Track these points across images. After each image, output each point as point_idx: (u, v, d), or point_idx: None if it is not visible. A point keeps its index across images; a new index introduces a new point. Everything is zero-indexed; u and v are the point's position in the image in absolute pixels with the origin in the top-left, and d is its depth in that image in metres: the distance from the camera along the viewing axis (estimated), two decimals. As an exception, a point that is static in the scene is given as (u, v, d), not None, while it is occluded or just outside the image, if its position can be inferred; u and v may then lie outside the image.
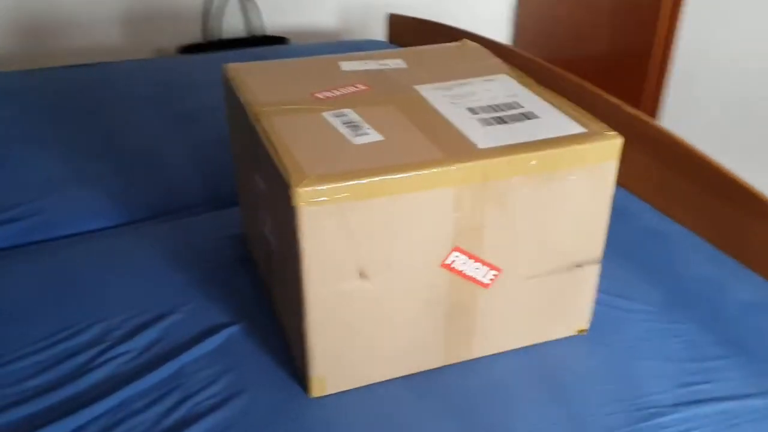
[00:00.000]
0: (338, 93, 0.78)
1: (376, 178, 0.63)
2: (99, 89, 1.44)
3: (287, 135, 0.69)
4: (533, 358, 0.79)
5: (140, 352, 0.78)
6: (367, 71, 0.85)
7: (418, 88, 0.80)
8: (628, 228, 1.03)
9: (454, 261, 0.70)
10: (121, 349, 0.78)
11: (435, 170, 0.64)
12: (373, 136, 0.69)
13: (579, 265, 0.77)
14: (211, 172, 1.15)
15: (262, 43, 2.14)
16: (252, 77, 0.82)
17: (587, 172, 0.71)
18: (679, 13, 1.91)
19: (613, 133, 0.71)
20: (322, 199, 0.61)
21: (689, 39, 1.93)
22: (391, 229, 0.66)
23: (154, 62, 1.65)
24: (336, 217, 0.63)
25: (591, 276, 0.79)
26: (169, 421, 0.69)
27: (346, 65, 0.87)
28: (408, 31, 1.84)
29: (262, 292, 0.87)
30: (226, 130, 0.93)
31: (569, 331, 0.82)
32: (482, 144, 0.68)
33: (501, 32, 2.64)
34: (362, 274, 0.67)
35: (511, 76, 0.84)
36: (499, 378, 0.76)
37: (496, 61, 0.90)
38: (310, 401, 0.73)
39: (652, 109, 2.05)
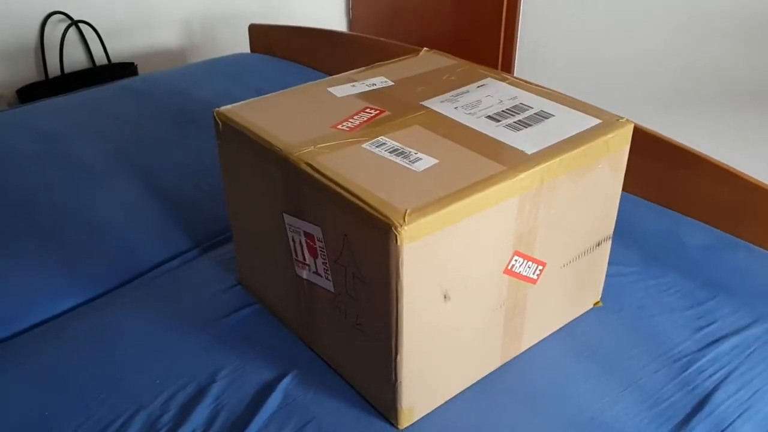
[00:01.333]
0: (357, 121, 0.77)
1: (460, 203, 0.64)
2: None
3: (347, 173, 0.67)
4: (567, 337, 0.85)
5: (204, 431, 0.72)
6: (363, 93, 0.85)
7: (425, 104, 0.81)
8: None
9: (514, 265, 0.73)
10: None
11: (504, 183, 0.67)
12: (427, 160, 0.70)
13: (599, 244, 0.84)
14: (162, 224, 1.06)
15: (109, 72, 1.98)
16: (258, 118, 0.78)
17: (610, 159, 0.77)
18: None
19: (624, 119, 0.78)
20: (419, 234, 0.61)
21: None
22: (467, 248, 0.67)
23: (13, 113, 1.45)
24: (429, 248, 0.63)
25: (606, 251, 0.86)
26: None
27: (337, 90, 0.86)
28: (270, 40, 1.81)
29: (292, 337, 0.83)
30: (154, 178, 0.86)
31: (589, 305, 0.89)
32: (530, 150, 0.72)
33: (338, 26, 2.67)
34: (446, 297, 0.68)
35: (496, 79, 0.89)
36: (548, 363, 0.81)
37: (469, 65, 0.93)
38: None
39: (508, 50, 2.19)
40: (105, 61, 2.01)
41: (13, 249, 0.99)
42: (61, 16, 1.90)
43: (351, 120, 0.78)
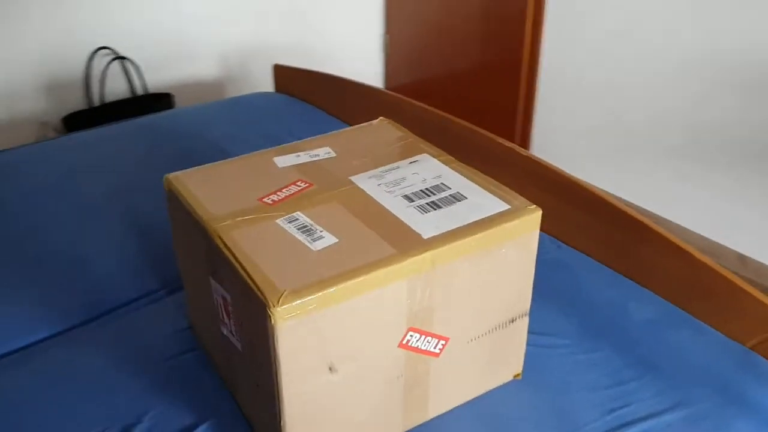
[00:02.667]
0: (283, 195, 0.84)
1: (341, 285, 0.70)
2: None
3: (250, 249, 0.74)
4: (478, 408, 0.89)
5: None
6: (302, 165, 0.91)
7: (353, 179, 0.88)
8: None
9: (409, 340, 0.78)
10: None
11: (391, 267, 0.72)
12: (328, 239, 0.76)
13: (513, 320, 0.87)
14: (139, 263, 1.16)
15: (147, 102, 2.13)
16: (196, 187, 0.86)
17: (516, 243, 0.81)
18: (541, 31, 2.11)
19: (533, 206, 0.82)
20: (296, 313, 0.67)
21: (551, 51, 2.14)
22: (354, 326, 0.73)
23: (47, 145, 1.60)
24: (308, 325, 0.69)
25: (523, 327, 0.90)
26: None
27: (281, 161, 0.93)
28: (293, 81, 1.90)
29: (222, 385, 0.90)
30: (143, 218, 0.94)
31: (507, 377, 0.92)
32: (426, 234, 0.77)
33: (374, 60, 2.75)
34: (331, 369, 0.74)
35: (431, 155, 0.94)
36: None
37: (413, 139, 0.99)
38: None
39: (526, 116, 2.23)
40: (145, 91, 2.16)
41: (2, 280, 1.11)
42: (107, 51, 2.06)
43: (279, 193, 0.85)
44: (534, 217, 0.81)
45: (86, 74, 2.04)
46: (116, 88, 2.13)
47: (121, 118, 1.75)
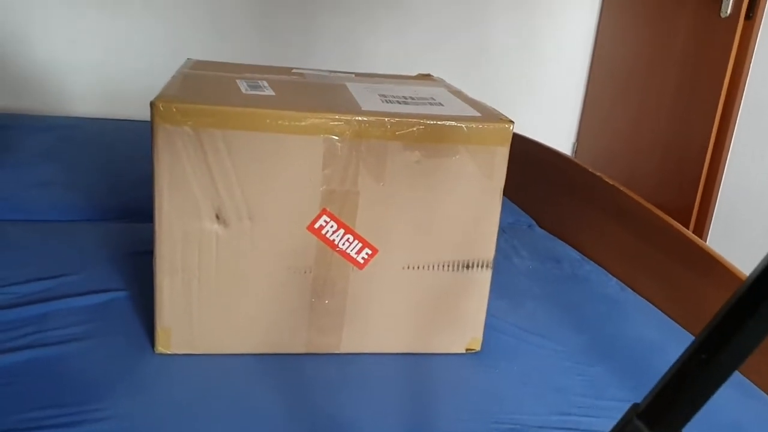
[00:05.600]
0: (269, 76, 0.81)
1: (237, 108, 0.63)
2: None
3: (189, 80, 0.72)
4: (411, 367, 0.71)
5: (24, 295, 0.77)
6: (313, 73, 0.88)
7: (349, 83, 0.81)
8: (582, 292, 0.95)
9: (322, 226, 0.67)
10: (13, 290, 0.78)
11: (304, 114, 0.64)
12: (266, 92, 0.71)
13: (468, 266, 0.71)
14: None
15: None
16: (205, 64, 0.87)
17: (473, 154, 0.67)
18: (724, 152, 1.86)
19: (505, 118, 0.68)
20: (182, 120, 0.62)
21: (736, 167, 1.86)
22: (253, 172, 0.64)
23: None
24: (193, 142, 0.63)
25: (481, 283, 0.72)
26: (17, 343, 0.68)
27: (298, 70, 0.90)
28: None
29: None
30: None
31: (456, 347, 0.74)
32: (366, 107, 0.68)
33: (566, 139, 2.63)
34: (219, 218, 0.65)
35: (449, 90, 0.84)
36: (363, 377, 0.69)
37: (453, 87, 0.90)
38: (153, 356, 0.69)
39: (702, 224, 1.95)
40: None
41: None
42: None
43: (268, 74, 0.81)
44: (501, 128, 0.67)
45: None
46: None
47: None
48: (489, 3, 2.37)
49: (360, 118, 0.65)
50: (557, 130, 2.59)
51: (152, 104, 0.61)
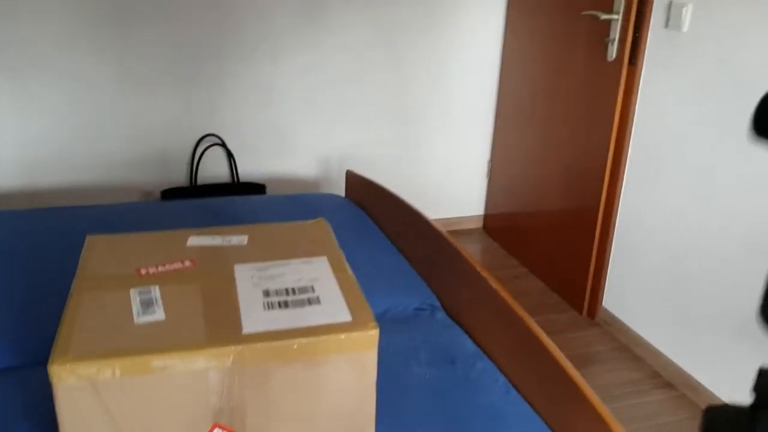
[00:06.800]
0: (162, 269, 0.88)
1: (128, 359, 0.71)
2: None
3: (84, 311, 0.78)
4: None
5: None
6: (207, 247, 0.95)
7: (236, 266, 0.89)
8: (472, 402, 1.06)
9: (219, 436, 0.76)
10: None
11: (191, 354, 0.72)
12: (158, 315, 0.78)
13: (354, 446, 0.81)
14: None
15: (241, 189, 2.32)
16: (102, 249, 0.93)
17: (347, 359, 0.77)
18: (619, 182, 2.00)
19: (373, 324, 0.78)
20: (79, 377, 0.69)
21: (629, 202, 2.01)
22: (149, 408, 0.73)
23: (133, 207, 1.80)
24: (92, 395, 0.70)
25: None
26: None
27: (194, 240, 0.98)
28: (360, 189, 1.97)
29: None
30: None
31: None
32: (248, 329, 0.76)
33: (478, 185, 2.76)
34: (127, 445, 0.74)
35: (329, 259, 0.93)
36: None
37: (331, 244, 0.99)
38: None
39: (601, 263, 2.10)
40: (238, 180, 2.36)
41: None
42: (213, 138, 2.30)
43: (161, 267, 0.89)
44: (369, 335, 0.77)
45: (192, 156, 2.29)
46: (218, 172, 2.35)
47: (210, 197, 1.92)
48: (402, 42, 2.44)
49: (242, 346, 0.73)
50: (474, 146, 2.70)
51: (48, 369, 0.69)
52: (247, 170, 2.40)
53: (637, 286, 2.00)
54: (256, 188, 2.35)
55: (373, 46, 2.41)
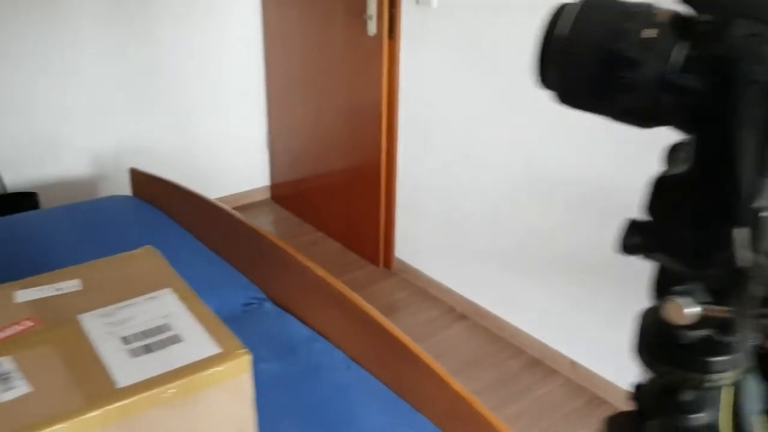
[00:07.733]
0: (4, 335, 0.85)
1: (12, 441, 0.70)
2: None
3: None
4: None
5: None
6: (39, 300, 0.93)
7: (82, 317, 0.89)
8: (320, 386, 1.18)
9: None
10: None
11: (74, 420, 0.73)
12: (21, 389, 0.77)
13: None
14: None
15: (10, 201, 2.13)
16: None
17: (223, 388, 0.83)
18: (395, 142, 2.21)
19: (243, 350, 0.85)
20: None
21: (405, 159, 2.23)
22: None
23: None
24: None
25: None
26: None
27: (21, 295, 0.94)
28: (148, 186, 1.93)
29: None
30: None
31: None
32: (122, 382, 0.78)
33: (260, 156, 2.82)
34: None
35: (174, 290, 0.96)
36: None
37: (166, 272, 1.01)
38: None
39: (390, 218, 2.31)
40: (4, 191, 2.16)
41: None
42: (-33, 151, 2.07)
43: (2, 332, 0.86)
44: (241, 362, 0.84)
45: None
46: (-24, 188, 2.12)
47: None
48: (156, 29, 2.36)
49: (124, 402, 0.76)
50: (251, 120, 2.73)
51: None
52: (12, 180, 2.20)
53: (423, 233, 2.25)
54: (27, 197, 2.17)
55: (124, 39, 2.31)
